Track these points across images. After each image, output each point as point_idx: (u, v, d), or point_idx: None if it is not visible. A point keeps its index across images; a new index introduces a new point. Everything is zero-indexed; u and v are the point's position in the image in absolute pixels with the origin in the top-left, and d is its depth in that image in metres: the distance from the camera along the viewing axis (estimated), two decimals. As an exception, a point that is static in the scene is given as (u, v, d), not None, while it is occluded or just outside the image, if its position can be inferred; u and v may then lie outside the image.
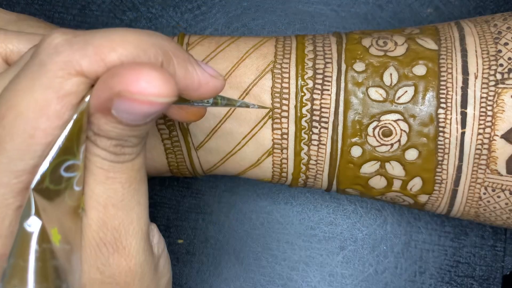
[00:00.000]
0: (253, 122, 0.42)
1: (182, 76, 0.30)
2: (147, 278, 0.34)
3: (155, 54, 0.29)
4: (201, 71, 0.31)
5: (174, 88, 0.27)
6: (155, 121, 0.42)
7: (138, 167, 0.31)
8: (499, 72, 0.39)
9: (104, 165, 0.30)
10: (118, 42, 0.28)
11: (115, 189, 0.30)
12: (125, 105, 0.26)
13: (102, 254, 0.31)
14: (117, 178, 0.30)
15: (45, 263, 0.27)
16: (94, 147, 0.29)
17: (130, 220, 0.31)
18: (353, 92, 0.41)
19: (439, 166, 0.41)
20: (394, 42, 0.42)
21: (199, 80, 0.31)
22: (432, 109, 0.40)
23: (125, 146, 0.30)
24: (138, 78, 0.26)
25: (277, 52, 0.43)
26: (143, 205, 0.32)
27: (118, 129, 0.28)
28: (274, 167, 0.44)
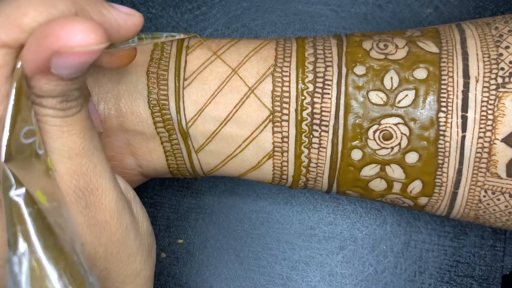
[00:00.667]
0: (253, 125, 0.42)
1: (99, 21, 0.31)
2: (125, 217, 0.36)
3: (67, 6, 0.29)
4: (116, 12, 0.32)
5: (105, 33, 0.28)
6: (155, 125, 0.43)
7: (86, 116, 0.33)
8: (500, 76, 0.39)
9: (56, 122, 0.31)
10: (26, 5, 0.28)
11: (74, 140, 0.32)
12: (65, 61, 0.28)
13: (81, 199, 0.33)
14: (72, 130, 0.32)
15: (43, 220, 0.29)
16: (42, 109, 0.30)
17: (94, 164, 0.33)
18: (354, 95, 0.41)
19: (439, 169, 0.41)
20: (395, 45, 0.42)
21: (117, 22, 0.32)
22: (433, 112, 0.40)
23: (70, 101, 0.31)
24: (74, 32, 0.27)
25: (278, 55, 0.43)
26: (100, 150, 0.34)
27: (60, 86, 0.29)
28: (275, 169, 0.44)
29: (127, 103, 0.43)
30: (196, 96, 0.42)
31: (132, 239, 0.37)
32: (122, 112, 0.43)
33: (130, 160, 0.44)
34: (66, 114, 0.31)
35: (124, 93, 0.43)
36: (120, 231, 0.35)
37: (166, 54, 0.43)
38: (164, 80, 0.42)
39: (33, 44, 0.28)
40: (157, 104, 0.42)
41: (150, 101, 0.42)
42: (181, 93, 0.42)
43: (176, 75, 0.42)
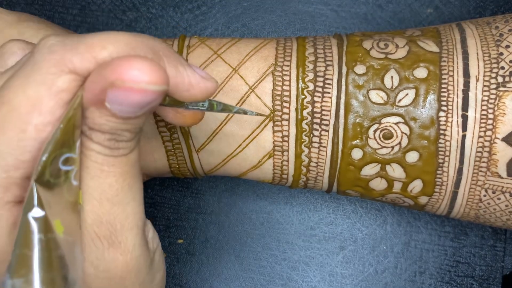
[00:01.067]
0: (254, 124, 0.42)
1: (173, 76, 0.31)
2: (143, 273, 0.34)
3: (145, 53, 0.29)
4: (191, 72, 0.32)
5: (164, 77, 0.27)
6: (156, 124, 0.43)
7: (132, 162, 0.32)
8: (501, 75, 0.39)
9: (98, 159, 0.30)
10: (109, 41, 0.29)
11: (110, 183, 0.31)
12: (118, 95, 0.27)
13: (97, 248, 0.31)
14: (111, 172, 0.30)
15: (50, 252, 0.28)
16: (89, 142, 0.30)
17: (125, 215, 0.32)
18: (354, 94, 0.41)
19: (440, 169, 0.41)
20: (395, 44, 0.42)
21: (189, 81, 0.32)
22: (433, 112, 0.40)
23: (119, 141, 0.30)
24: (130, 67, 0.27)
25: (278, 55, 0.43)
26: (138, 201, 0.33)
27: (112, 122, 0.29)
28: (275, 169, 0.44)
29: None
30: None
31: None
32: None
33: (132, 160, 0.44)
34: (111, 153, 0.30)
35: None
36: (135, 286, 0.34)
37: None
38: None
39: (94, 74, 0.28)
40: (159, 104, 0.42)
41: None
42: None
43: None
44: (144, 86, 0.27)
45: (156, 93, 0.27)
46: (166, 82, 0.28)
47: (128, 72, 0.27)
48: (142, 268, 0.34)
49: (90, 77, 0.28)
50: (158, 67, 0.27)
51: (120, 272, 0.32)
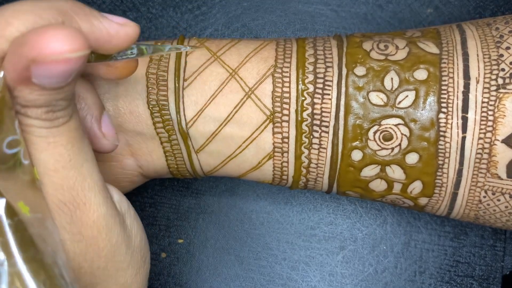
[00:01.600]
0: (253, 126, 0.42)
1: (89, 31, 0.31)
2: (115, 232, 0.35)
3: (53, 16, 0.29)
4: (107, 22, 0.32)
5: (84, 41, 0.27)
6: (154, 125, 0.43)
7: (75, 127, 0.32)
8: (501, 76, 0.39)
9: (41, 133, 0.30)
10: (11, 15, 0.28)
11: (59, 152, 0.31)
12: (43, 70, 0.27)
13: (65, 214, 0.32)
14: (58, 141, 0.31)
15: (22, 232, 0.28)
16: (27, 119, 0.30)
17: (82, 177, 0.32)
18: (354, 96, 0.41)
19: (440, 170, 0.41)
20: (395, 45, 0.42)
21: (108, 31, 0.32)
22: (433, 113, 0.40)
23: (56, 111, 0.30)
24: (48, 40, 0.26)
25: (278, 56, 0.43)
26: (91, 161, 0.33)
27: (45, 96, 0.29)
28: (275, 170, 0.44)
29: (126, 104, 0.43)
30: (196, 97, 0.42)
31: (123, 254, 0.36)
32: (121, 112, 0.43)
33: (130, 161, 0.44)
34: (52, 125, 0.30)
35: (123, 93, 0.43)
36: (109, 246, 0.34)
37: (165, 55, 0.43)
38: (163, 81, 0.42)
39: (12, 53, 0.28)
40: (157, 105, 0.42)
41: (150, 101, 0.42)
42: (181, 94, 0.42)
43: (176, 75, 0.42)
44: (67, 55, 0.27)
45: (80, 58, 0.27)
46: (87, 46, 0.27)
47: (48, 45, 0.26)
48: (111, 228, 0.34)
49: (7, 58, 0.28)
50: (76, 32, 0.27)
51: (91, 231, 0.33)
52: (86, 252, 0.33)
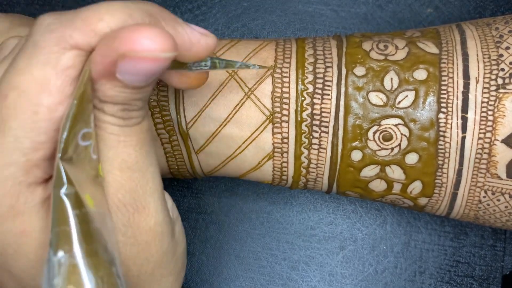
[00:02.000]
0: (253, 126, 0.42)
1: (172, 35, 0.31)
2: (166, 240, 0.35)
3: (142, 17, 0.30)
4: (190, 30, 0.32)
5: (173, 43, 0.28)
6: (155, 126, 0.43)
7: (146, 129, 0.32)
8: (500, 76, 0.39)
9: (114, 130, 0.30)
10: (104, 11, 0.29)
11: (128, 152, 0.31)
12: (130, 66, 0.27)
13: (123, 215, 0.32)
14: (128, 141, 0.31)
15: (87, 225, 0.28)
16: (102, 114, 0.30)
17: (145, 180, 0.32)
18: (354, 96, 0.41)
19: (439, 170, 0.41)
20: (395, 45, 0.42)
21: (190, 39, 0.32)
22: (433, 113, 0.40)
23: (131, 110, 0.30)
24: (140, 37, 0.27)
25: (277, 56, 0.43)
26: (155, 166, 0.33)
27: (124, 93, 0.29)
28: (275, 170, 0.44)
29: None
30: (196, 97, 0.42)
31: (169, 261, 0.35)
32: None
33: (131, 162, 0.44)
34: (125, 124, 0.31)
35: None
36: (160, 253, 0.34)
37: None
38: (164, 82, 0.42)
39: (102, 46, 0.28)
40: (157, 106, 0.42)
41: (150, 102, 0.42)
42: (181, 94, 0.42)
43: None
44: (156, 54, 0.27)
45: (167, 59, 0.28)
46: (176, 47, 0.28)
47: (140, 41, 0.27)
48: (165, 235, 0.34)
49: (97, 50, 0.28)
50: (166, 33, 0.27)
51: (146, 236, 0.33)
52: (137, 256, 0.33)
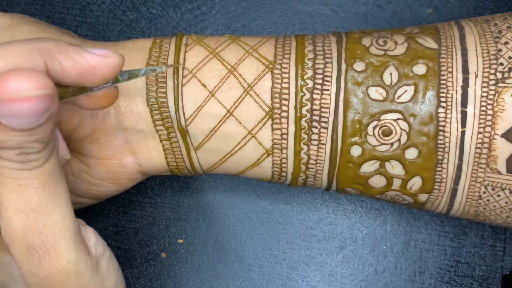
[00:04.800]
0: (252, 122, 0.42)
1: (71, 66, 0.32)
2: (85, 277, 0.34)
3: (35, 57, 0.30)
4: (89, 55, 0.32)
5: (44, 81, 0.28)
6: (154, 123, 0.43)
7: (50, 171, 0.32)
8: (500, 71, 0.39)
9: (12, 174, 0.30)
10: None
11: (29, 195, 0.31)
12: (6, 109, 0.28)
13: (33, 257, 0.32)
14: (29, 184, 0.31)
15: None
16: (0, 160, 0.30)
17: (53, 221, 0.32)
18: (353, 91, 0.41)
19: (439, 165, 0.41)
20: (394, 41, 0.42)
21: (89, 64, 0.32)
22: (432, 108, 0.40)
23: (29, 153, 0.30)
24: (5, 80, 0.27)
25: (277, 52, 0.43)
26: (64, 206, 0.33)
27: (16, 137, 0.29)
28: (274, 167, 0.44)
29: (126, 102, 0.43)
30: (195, 94, 0.42)
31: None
32: (121, 110, 0.43)
33: (130, 159, 0.44)
34: (24, 167, 0.30)
35: (123, 91, 0.43)
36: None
37: (164, 52, 0.43)
38: (162, 78, 0.42)
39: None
40: (156, 102, 0.42)
41: (149, 99, 0.42)
42: (180, 91, 0.42)
43: (174, 72, 0.42)
44: (26, 93, 0.28)
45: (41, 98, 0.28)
46: (47, 84, 0.28)
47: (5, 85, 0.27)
48: (82, 273, 0.34)
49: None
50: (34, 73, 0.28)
51: (59, 277, 0.33)
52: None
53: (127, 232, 0.55)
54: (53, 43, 0.32)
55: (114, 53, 0.34)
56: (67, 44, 0.32)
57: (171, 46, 0.44)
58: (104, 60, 0.33)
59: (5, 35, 0.42)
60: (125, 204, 0.56)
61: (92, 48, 0.33)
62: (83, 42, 0.44)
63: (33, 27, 0.43)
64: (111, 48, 0.44)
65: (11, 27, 0.43)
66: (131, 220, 0.56)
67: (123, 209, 0.56)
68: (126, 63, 0.43)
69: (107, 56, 0.33)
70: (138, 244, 0.55)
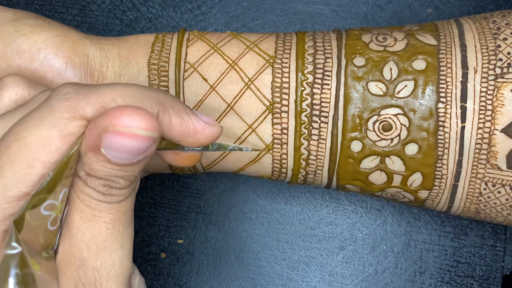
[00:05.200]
0: (253, 117, 0.42)
1: (178, 123, 0.33)
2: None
3: (151, 105, 0.31)
4: (195, 119, 0.34)
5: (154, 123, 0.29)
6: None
7: (125, 210, 0.32)
8: (499, 66, 0.39)
9: (91, 203, 0.31)
10: (118, 93, 0.30)
11: (99, 228, 0.31)
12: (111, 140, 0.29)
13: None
14: (102, 217, 0.31)
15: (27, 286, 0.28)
16: (84, 186, 0.31)
17: (111, 262, 0.32)
18: (353, 86, 0.41)
19: (439, 161, 0.41)
20: (393, 37, 0.42)
21: (194, 127, 0.34)
22: (432, 103, 0.40)
23: (113, 187, 0.31)
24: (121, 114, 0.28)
25: (277, 48, 0.43)
26: (127, 249, 0.33)
27: (107, 168, 0.30)
28: (274, 162, 0.44)
29: None
30: (196, 88, 0.42)
31: None
32: None
33: (131, 155, 0.44)
34: (104, 199, 0.31)
35: None
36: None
37: (167, 46, 0.44)
38: (164, 72, 0.42)
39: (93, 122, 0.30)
40: (157, 96, 0.43)
41: None
42: (181, 85, 0.42)
43: (176, 66, 0.42)
44: (134, 131, 0.29)
45: (146, 138, 0.29)
46: (156, 128, 0.29)
47: (120, 118, 0.28)
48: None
49: (89, 125, 0.30)
50: (149, 115, 0.29)
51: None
52: None
53: (127, 232, 0.55)
54: (170, 98, 0.33)
55: (216, 124, 0.35)
56: (181, 103, 0.33)
57: (173, 41, 0.44)
58: (207, 127, 0.34)
59: (11, 28, 0.42)
60: (125, 204, 0.56)
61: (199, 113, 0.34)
62: (88, 37, 0.44)
63: (37, 21, 0.43)
64: (114, 43, 0.44)
65: (16, 20, 0.43)
66: (131, 220, 0.55)
67: (123, 209, 0.56)
68: (129, 57, 0.43)
69: (211, 124, 0.34)
70: (138, 244, 0.55)
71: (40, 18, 0.44)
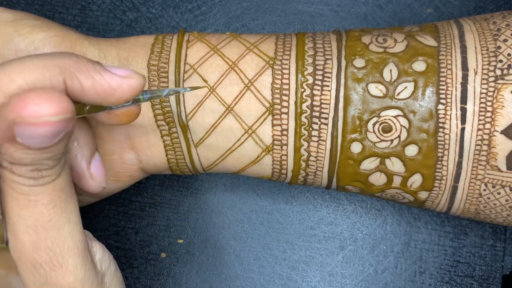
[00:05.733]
0: (253, 118, 0.42)
1: (91, 86, 0.31)
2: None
3: (55, 75, 0.30)
4: (109, 76, 0.32)
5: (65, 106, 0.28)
6: (155, 118, 0.43)
7: (61, 187, 0.32)
8: (499, 68, 0.39)
9: (24, 190, 0.30)
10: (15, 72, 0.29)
11: (40, 211, 0.31)
12: (24, 131, 0.28)
13: (40, 275, 0.32)
14: (40, 200, 0.31)
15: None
16: (12, 175, 0.30)
17: (62, 238, 0.32)
18: (353, 88, 0.41)
19: (439, 162, 0.41)
20: (393, 39, 0.42)
21: (110, 85, 0.32)
22: (432, 104, 0.40)
23: (42, 170, 0.30)
24: (26, 103, 0.27)
25: (277, 49, 0.43)
26: (74, 222, 0.33)
27: (30, 155, 0.29)
28: (274, 163, 0.44)
29: None
30: None
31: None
32: None
33: (130, 155, 0.44)
34: (35, 183, 0.30)
35: None
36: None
37: (166, 47, 0.43)
38: (164, 73, 0.42)
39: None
40: (158, 97, 0.43)
41: None
42: (182, 85, 0.42)
43: (176, 67, 0.42)
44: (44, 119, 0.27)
45: (60, 122, 0.28)
46: (67, 109, 0.28)
47: (26, 108, 0.27)
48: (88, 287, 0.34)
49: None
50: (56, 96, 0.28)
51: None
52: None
53: (127, 232, 0.55)
54: (73, 60, 0.31)
55: (135, 74, 0.33)
56: (88, 62, 0.32)
57: (173, 42, 0.44)
58: (124, 81, 0.33)
59: (9, 28, 0.42)
60: (125, 204, 0.56)
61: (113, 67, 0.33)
62: (87, 38, 0.44)
63: (36, 21, 0.43)
64: (113, 44, 0.44)
65: (15, 20, 0.43)
66: (131, 220, 0.55)
67: (123, 209, 0.56)
68: (129, 58, 0.43)
69: (128, 77, 0.33)
70: (138, 244, 0.55)
71: (40, 19, 0.44)
